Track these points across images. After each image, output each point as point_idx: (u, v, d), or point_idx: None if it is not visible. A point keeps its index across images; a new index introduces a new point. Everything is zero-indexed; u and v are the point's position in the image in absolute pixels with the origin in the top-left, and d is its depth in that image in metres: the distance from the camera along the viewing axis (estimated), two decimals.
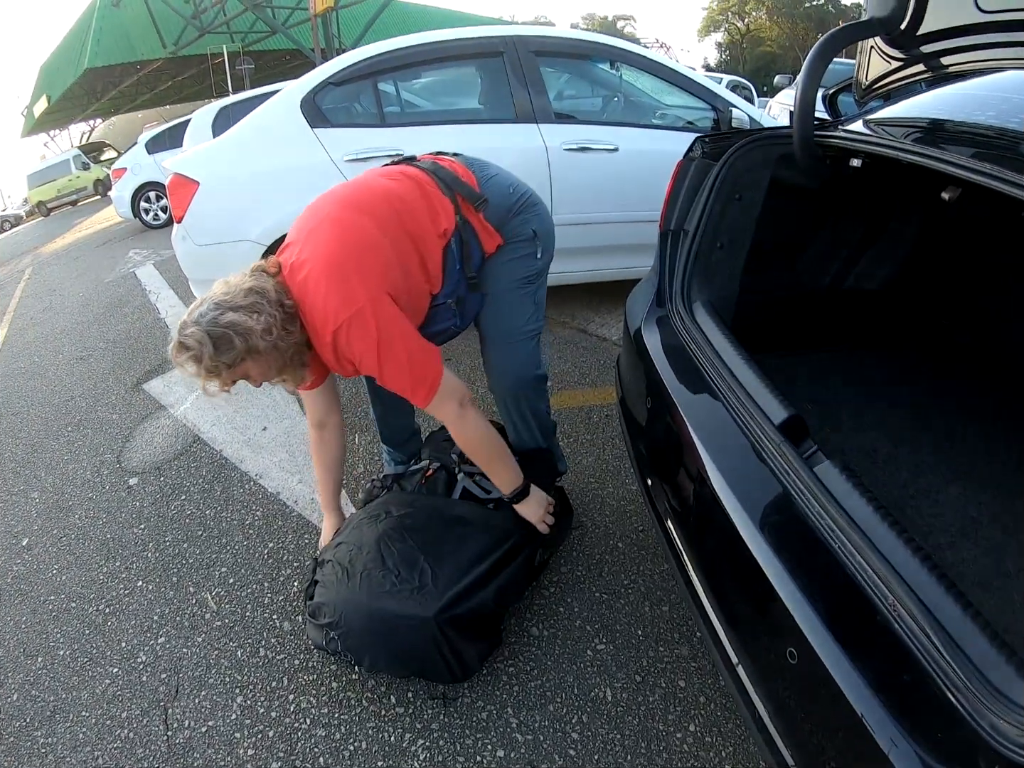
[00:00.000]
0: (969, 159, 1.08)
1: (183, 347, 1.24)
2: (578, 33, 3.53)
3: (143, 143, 9.73)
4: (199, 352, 1.23)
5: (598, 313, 3.57)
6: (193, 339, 1.23)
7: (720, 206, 1.58)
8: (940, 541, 1.32)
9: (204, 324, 1.24)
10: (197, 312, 1.27)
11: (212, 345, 1.23)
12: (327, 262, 1.33)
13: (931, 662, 0.72)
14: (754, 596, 1.03)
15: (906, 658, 0.75)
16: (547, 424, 1.85)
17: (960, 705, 0.68)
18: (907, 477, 1.50)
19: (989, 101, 1.39)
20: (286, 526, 2.14)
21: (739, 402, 1.19)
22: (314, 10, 13.83)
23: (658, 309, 1.61)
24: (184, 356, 1.25)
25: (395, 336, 1.34)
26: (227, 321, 1.25)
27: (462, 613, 1.44)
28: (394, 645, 1.45)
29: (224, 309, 1.26)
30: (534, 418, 1.76)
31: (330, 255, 1.34)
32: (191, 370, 1.26)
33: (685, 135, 3.16)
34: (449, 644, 1.42)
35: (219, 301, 1.28)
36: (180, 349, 1.25)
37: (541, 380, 1.75)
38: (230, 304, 1.27)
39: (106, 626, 1.86)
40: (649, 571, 1.78)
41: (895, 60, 1.64)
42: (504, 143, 2.97)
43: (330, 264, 1.33)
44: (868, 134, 1.43)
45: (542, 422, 1.80)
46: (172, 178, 3.06)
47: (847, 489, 0.95)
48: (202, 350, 1.23)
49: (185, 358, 1.25)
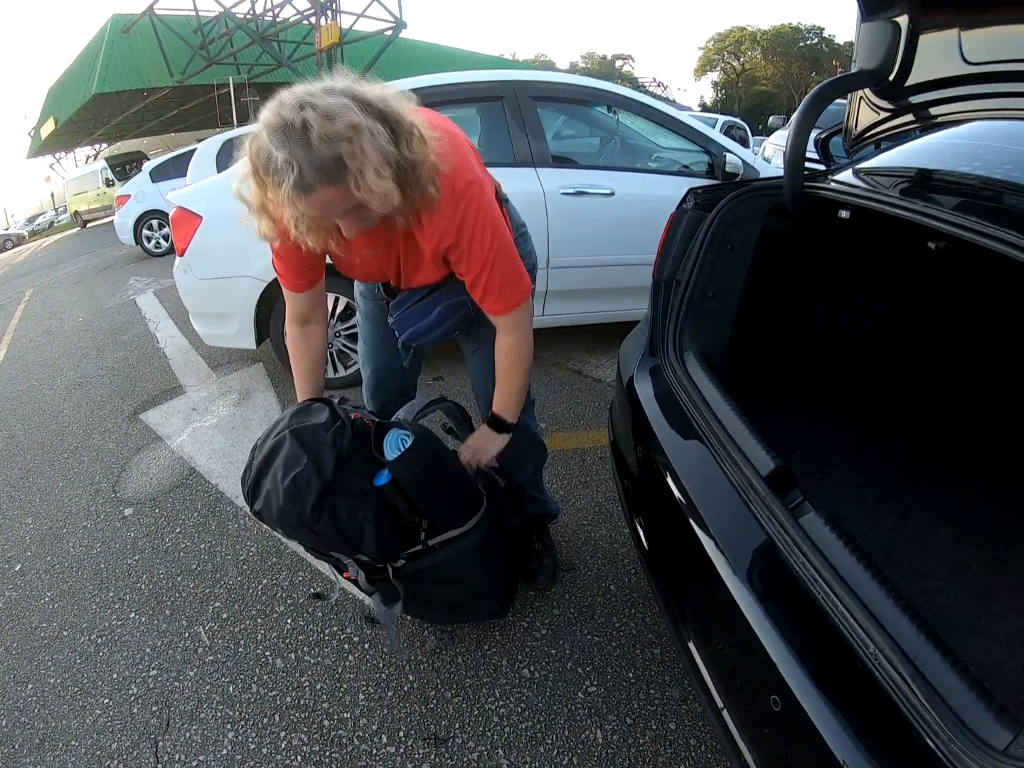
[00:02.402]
0: (952, 212, 1.12)
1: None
2: (576, 78, 3.63)
3: (147, 171, 9.91)
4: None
5: (593, 355, 3.63)
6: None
7: (712, 256, 1.62)
8: (928, 586, 1.34)
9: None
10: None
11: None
12: (439, 126, 1.21)
13: (911, 709, 0.75)
14: (738, 644, 1.06)
15: (887, 706, 0.78)
16: (536, 442, 1.86)
17: (940, 751, 0.71)
18: (895, 522, 1.52)
19: (975, 151, 1.46)
20: (280, 563, 2.15)
21: (728, 453, 1.23)
22: (319, 45, 14.29)
23: (650, 358, 1.64)
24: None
25: (500, 222, 1.31)
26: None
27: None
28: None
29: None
30: (523, 436, 1.74)
31: (443, 125, 1.25)
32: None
33: (680, 179, 3.28)
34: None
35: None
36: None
37: (530, 405, 1.81)
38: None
39: (98, 656, 1.86)
40: (641, 614, 1.80)
41: (884, 111, 1.70)
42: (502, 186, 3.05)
43: (446, 131, 1.22)
44: (857, 185, 1.48)
45: (529, 440, 1.80)
46: (175, 211, 3.13)
47: (831, 540, 0.99)
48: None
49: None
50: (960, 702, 0.74)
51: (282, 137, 1.00)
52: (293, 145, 0.99)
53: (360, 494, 1.35)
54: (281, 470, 1.30)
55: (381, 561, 1.46)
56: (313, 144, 0.99)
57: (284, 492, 1.28)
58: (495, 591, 1.68)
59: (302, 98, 1.01)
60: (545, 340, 3.68)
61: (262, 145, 1.02)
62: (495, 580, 1.67)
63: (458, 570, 1.55)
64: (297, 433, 1.34)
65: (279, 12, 16.53)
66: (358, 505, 1.34)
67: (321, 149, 0.99)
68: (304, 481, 1.27)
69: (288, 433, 1.34)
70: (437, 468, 1.42)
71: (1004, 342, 1.91)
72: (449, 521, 1.47)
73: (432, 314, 1.49)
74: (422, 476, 1.38)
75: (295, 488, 1.27)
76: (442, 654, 1.73)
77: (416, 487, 1.38)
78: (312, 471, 1.28)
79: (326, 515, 1.30)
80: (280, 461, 1.31)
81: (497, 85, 3.19)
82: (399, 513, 1.40)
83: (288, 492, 1.27)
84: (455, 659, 1.71)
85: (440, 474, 1.43)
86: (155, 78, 17.92)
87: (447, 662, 1.71)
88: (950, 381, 2.00)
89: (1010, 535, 1.46)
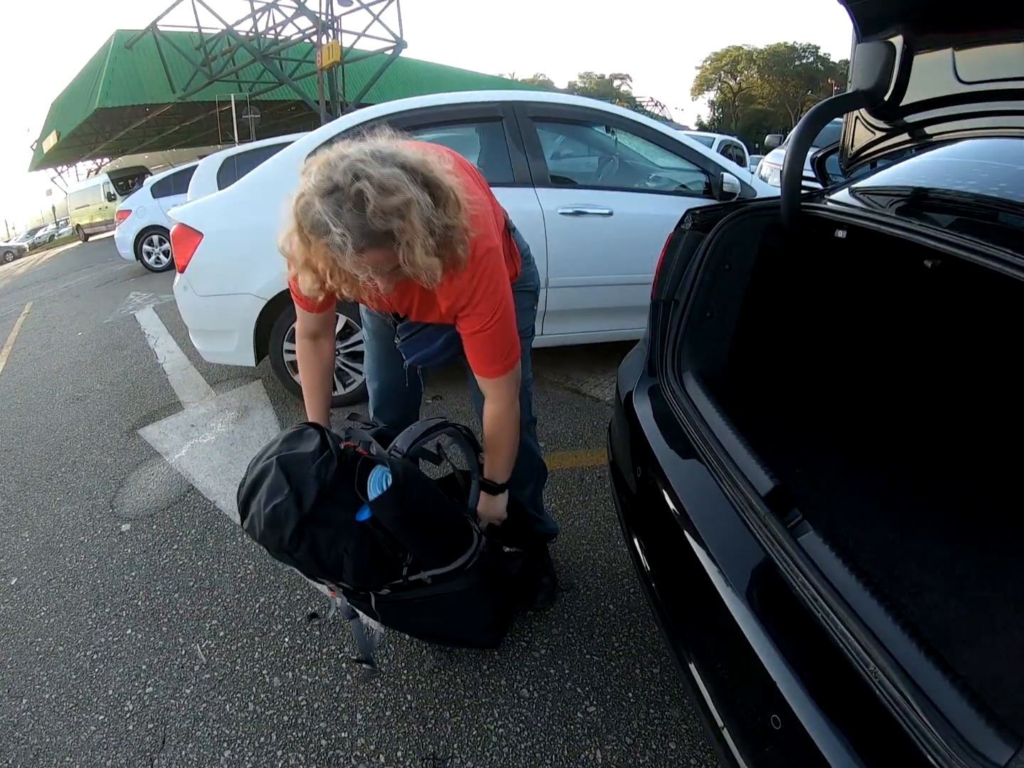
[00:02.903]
0: (946, 231, 1.14)
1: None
2: (575, 99, 3.66)
3: (148, 187, 9.97)
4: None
5: (592, 374, 3.64)
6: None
7: (710, 276, 1.64)
8: (928, 601, 1.34)
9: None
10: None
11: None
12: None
13: (911, 726, 0.75)
14: (737, 662, 1.06)
15: (887, 723, 0.78)
16: (537, 462, 1.88)
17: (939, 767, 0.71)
18: (895, 538, 1.52)
19: (970, 169, 1.49)
20: (278, 581, 2.14)
21: (726, 472, 1.24)
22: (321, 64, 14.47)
23: (649, 379, 1.65)
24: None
25: (508, 293, 1.36)
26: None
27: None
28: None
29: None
30: (524, 455, 1.76)
31: (470, 188, 1.28)
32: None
33: (678, 199, 3.31)
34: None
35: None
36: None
37: (531, 423, 1.83)
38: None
39: (93, 672, 1.85)
40: (640, 633, 1.80)
41: (879, 130, 1.73)
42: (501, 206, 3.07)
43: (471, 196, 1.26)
44: (852, 205, 1.50)
45: (530, 460, 1.83)
46: (176, 228, 3.14)
47: (830, 558, 0.99)
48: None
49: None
50: (960, 718, 0.74)
51: (335, 205, 1.02)
52: (346, 214, 1.01)
53: (342, 526, 1.36)
54: (264, 497, 1.34)
55: (364, 589, 1.49)
56: (368, 216, 1.02)
57: (265, 519, 1.32)
58: (484, 624, 1.69)
59: (356, 166, 1.03)
60: (544, 359, 3.70)
61: (311, 207, 1.03)
62: (484, 615, 1.67)
63: (443, 605, 1.57)
64: (283, 461, 1.36)
65: (281, 30, 16.81)
66: (339, 537, 1.35)
67: (375, 223, 1.02)
68: (283, 512, 1.31)
69: (275, 460, 1.37)
70: (417, 509, 1.40)
71: (1001, 359, 1.92)
72: (432, 559, 1.48)
73: (439, 341, 1.53)
74: (401, 517, 1.38)
75: (275, 517, 1.31)
76: (440, 674, 1.72)
77: (396, 527, 1.38)
78: (292, 503, 1.31)
79: (304, 544, 1.33)
80: (264, 487, 1.35)
81: (497, 105, 3.22)
82: (381, 548, 1.41)
83: (268, 520, 1.32)
84: (453, 679, 1.71)
85: (421, 515, 1.41)
86: (157, 94, 18.12)
87: (445, 682, 1.70)
88: (948, 398, 2.01)
89: (1009, 550, 1.46)
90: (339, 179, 1.02)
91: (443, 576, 1.49)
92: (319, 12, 15.32)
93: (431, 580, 1.49)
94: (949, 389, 2.03)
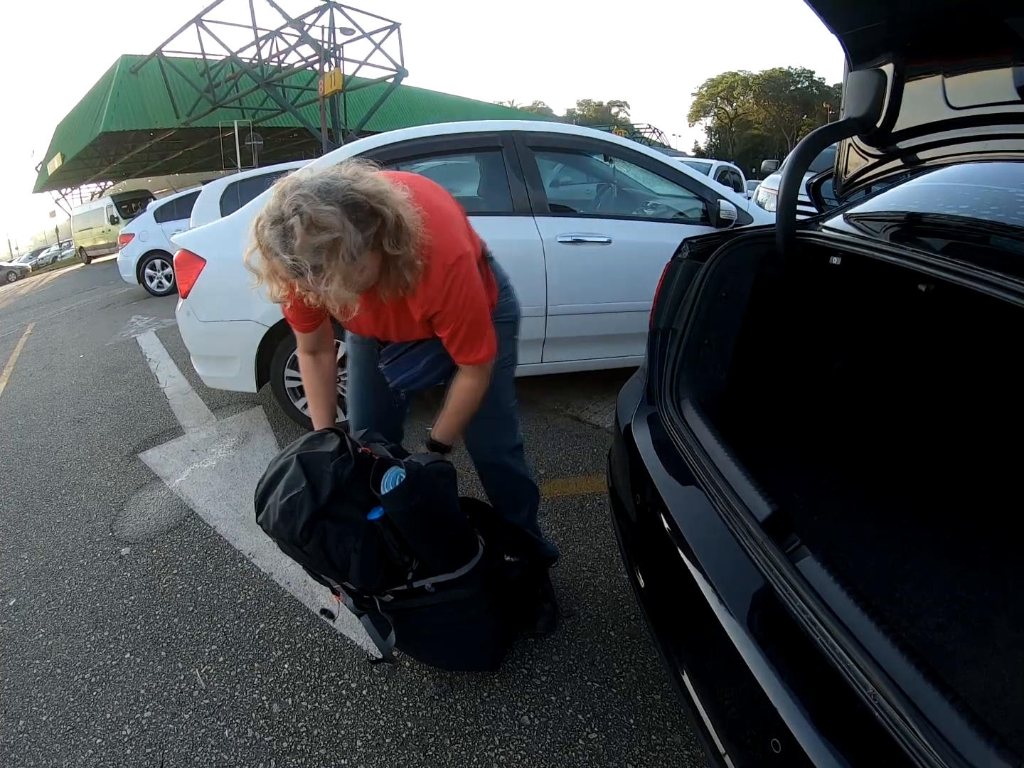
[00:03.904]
0: (938, 255, 1.17)
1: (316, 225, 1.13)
2: (573, 128, 3.70)
3: (152, 211, 10.07)
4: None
5: (592, 400, 3.65)
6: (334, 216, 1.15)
7: (707, 305, 1.66)
8: (929, 623, 1.34)
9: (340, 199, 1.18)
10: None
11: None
12: (434, 207, 1.38)
13: (911, 748, 0.76)
14: (737, 687, 1.07)
15: (887, 745, 0.79)
16: (529, 486, 1.94)
17: None
18: (895, 561, 1.52)
19: (963, 193, 1.51)
20: (278, 607, 2.14)
21: (724, 499, 1.25)
22: (323, 91, 14.70)
23: (648, 407, 1.67)
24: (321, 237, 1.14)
25: (480, 292, 1.45)
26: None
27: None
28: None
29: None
30: (515, 479, 1.88)
31: (438, 204, 1.42)
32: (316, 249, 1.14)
33: (676, 226, 3.35)
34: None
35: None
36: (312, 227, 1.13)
37: (517, 448, 1.88)
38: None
39: (91, 696, 1.84)
40: (641, 660, 1.80)
41: (872, 157, 1.76)
42: (501, 235, 3.05)
43: (439, 210, 1.40)
44: (847, 232, 1.52)
45: (522, 483, 1.91)
46: (180, 254, 3.17)
47: (828, 582, 1.01)
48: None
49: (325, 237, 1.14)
50: (959, 738, 0.75)
51: (278, 230, 1.13)
52: (283, 241, 1.13)
53: (352, 523, 1.42)
54: (282, 489, 1.41)
55: (368, 592, 1.53)
56: (295, 250, 1.12)
57: (280, 510, 1.39)
58: (482, 643, 1.70)
59: (297, 200, 1.13)
60: (544, 387, 3.72)
61: (264, 230, 1.15)
62: (484, 633, 1.69)
63: (444, 618, 1.60)
64: (304, 458, 1.43)
65: (284, 58, 17.10)
66: (348, 534, 1.41)
67: (304, 253, 1.13)
68: (299, 503, 1.38)
69: (295, 457, 1.44)
70: (428, 508, 1.45)
71: (998, 379, 1.93)
72: (438, 564, 1.53)
73: (421, 363, 1.61)
74: (412, 513, 1.43)
75: (290, 508, 1.38)
76: (441, 701, 1.72)
77: (405, 523, 1.44)
78: (307, 495, 1.38)
79: (315, 538, 1.39)
80: (283, 481, 1.43)
81: (496, 135, 3.27)
82: (388, 549, 1.46)
83: (283, 511, 1.38)
84: (454, 706, 1.70)
85: (431, 515, 1.47)
86: (162, 119, 18.41)
87: (446, 709, 1.70)
88: (946, 419, 2.02)
89: (1010, 571, 1.46)
90: (284, 210, 1.13)
91: (446, 584, 1.53)
92: (321, 40, 15.63)
93: (434, 588, 1.53)
94: (947, 411, 2.04)
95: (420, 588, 1.54)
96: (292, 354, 3.14)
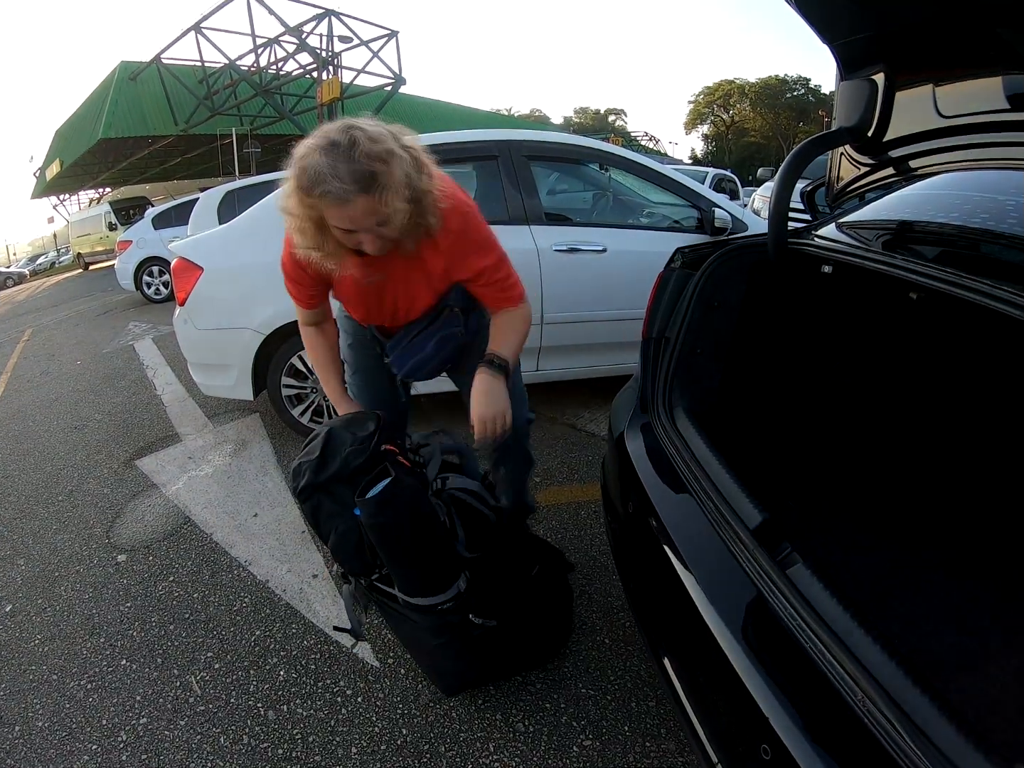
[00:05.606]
0: (928, 264, 1.18)
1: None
2: (569, 137, 3.71)
3: (150, 218, 10.08)
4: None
5: (588, 408, 3.66)
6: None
7: (700, 314, 1.67)
8: (923, 630, 1.34)
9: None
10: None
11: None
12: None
13: (900, 754, 0.77)
14: (727, 693, 1.07)
15: (877, 752, 0.80)
16: (526, 470, 2.03)
17: None
18: (889, 568, 1.52)
19: (953, 201, 1.53)
20: (274, 615, 2.15)
21: (716, 507, 1.27)
22: (321, 99, 14.77)
23: (641, 415, 1.68)
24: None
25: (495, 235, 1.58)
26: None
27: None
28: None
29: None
30: (519, 457, 1.94)
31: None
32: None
33: (671, 235, 3.37)
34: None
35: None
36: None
37: (530, 423, 1.93)
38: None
39: (87, 702, 1.84)
40: (636, 667, 1.81)
41: (864, 165, 1.77)
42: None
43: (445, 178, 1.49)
44: (838, 240, 1.53)
45: (521, 465, 1.99)
46: (177, 261, 3.18)
47: (818, 589, 1.02)
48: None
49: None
50: (949, 744, 0.76)
51: (331, 157, 1.19)
52: (340, 164, 1.18)
53: (343, 507, 1.49)
54: (304, 451, 1.55)
55: (343, 569, 1.62)
56: (355, 158, 1.18)
57: (293, 468, 1.54)
58: (440, 671, 1.70)
59: (349, 122, 1.25)
60: (539, 395, 3.72)
61: (308, 160, 1.21)
62: (441, 663, 1.68)
63: (406, 627, 1.66)
64: (332, 432, 1.54)
65: (282, 66, 17.19)
66: (337, 515, 1.49)
67: (361, 162, 1.19)
68: (303, 469, 1.49)
69: (328, 429, 1.55)
70: (393, 530, 1.43)
71: (992, 387, 1.93)
72: (399, 582, 1.54)
73: (428, 346, 1.65)
74: (375, 528, 1.44)
75: (297, 469, 1.52)
76: (436, 708, 1.73)
77: (371, 533, 1.46)
78: (312, 467, 1.48)
79: (309, 504, 1.50)
80: (310, 444, 1.56)
81: (492, 144, 3.28)
82: (363, 545, 1.51)
83: (294, 469, 1.53)
84: (449, 713, 1.71)
85: (395, 537, 1.45)
86: (160, 126, 18.45)
87: (441, 716, 1.70)
88: (940, 427, 2.01)
89: (1004, 578, 1.46)
90: (335, 136, 1.20)
91: (405, 603, 1.56)
92: (320, 48, 15.71)
93: (402, 601, 1.56)
94: (940, 419, 2.05)
95: (392, 593, 1.57)
96: (289, 362, 3.15)
